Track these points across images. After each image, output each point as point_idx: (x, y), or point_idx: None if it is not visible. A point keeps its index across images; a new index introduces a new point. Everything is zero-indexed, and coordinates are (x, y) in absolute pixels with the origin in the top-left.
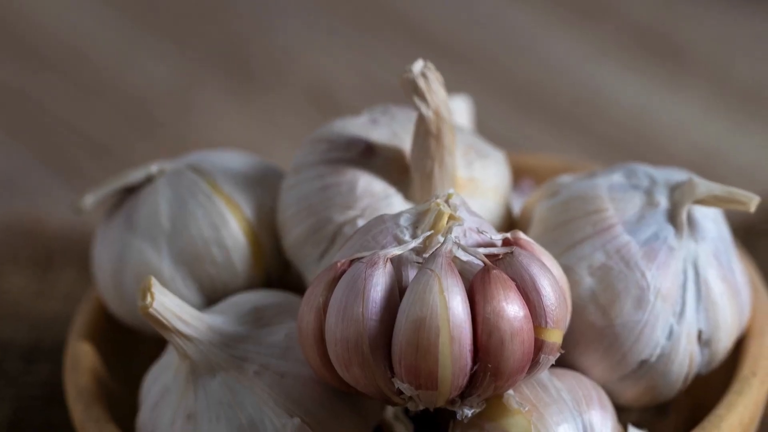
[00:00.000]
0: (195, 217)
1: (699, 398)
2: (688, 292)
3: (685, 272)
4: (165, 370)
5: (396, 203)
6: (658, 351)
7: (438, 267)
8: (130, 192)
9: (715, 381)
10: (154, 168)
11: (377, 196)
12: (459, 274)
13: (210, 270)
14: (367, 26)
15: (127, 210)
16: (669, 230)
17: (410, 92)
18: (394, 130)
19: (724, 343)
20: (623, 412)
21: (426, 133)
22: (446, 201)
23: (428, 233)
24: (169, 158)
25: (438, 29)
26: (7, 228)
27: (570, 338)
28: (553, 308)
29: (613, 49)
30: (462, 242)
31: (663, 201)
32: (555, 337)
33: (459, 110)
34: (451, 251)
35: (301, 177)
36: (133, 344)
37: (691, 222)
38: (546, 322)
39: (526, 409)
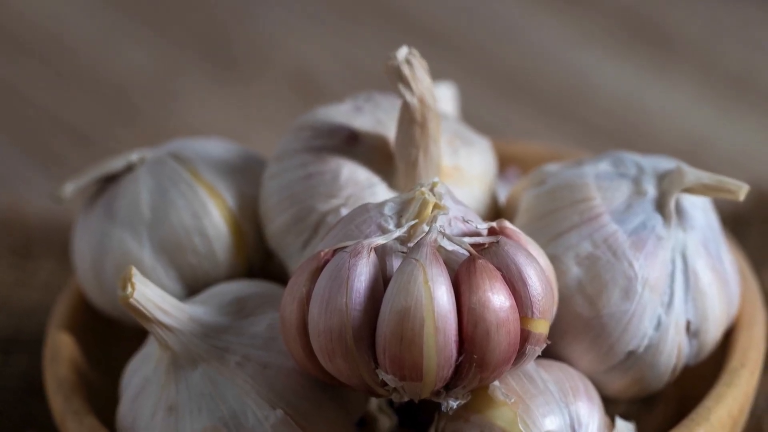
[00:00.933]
0: (176, 206)
1: (687, 390)
2: (677, 282)
3: (673, 262)
4: (146, 361)
5: (380, 192)
6: (645, 342)
7: (423, 257)
8: (110, 180)
9: (704, 372)
10: (134, 156)
11: (361, 184)
12: (444, 264)
13: (191, 259)
14: (350, 12)
15: (108, 199)
16: (657, 219)
17: (395, 79)
18: (378, 118)
19: (713, 333)
20: (611, 404)
21: (411, 121)
22: (431, 190)
23: (413, 222)
24: (149, 146)
25: (423, 15)
26: None
27: (557, 329)
28: (540, 298)
29: (600, 35)
30: (447, 231)
31: (651, 190)
32: (541, 327)
33: (444, 97)
34: (435, 240)
35: (283, 165)
36: (113, 335)
37: (680, 211)
38: (532, 312)
39: (512, 400)
